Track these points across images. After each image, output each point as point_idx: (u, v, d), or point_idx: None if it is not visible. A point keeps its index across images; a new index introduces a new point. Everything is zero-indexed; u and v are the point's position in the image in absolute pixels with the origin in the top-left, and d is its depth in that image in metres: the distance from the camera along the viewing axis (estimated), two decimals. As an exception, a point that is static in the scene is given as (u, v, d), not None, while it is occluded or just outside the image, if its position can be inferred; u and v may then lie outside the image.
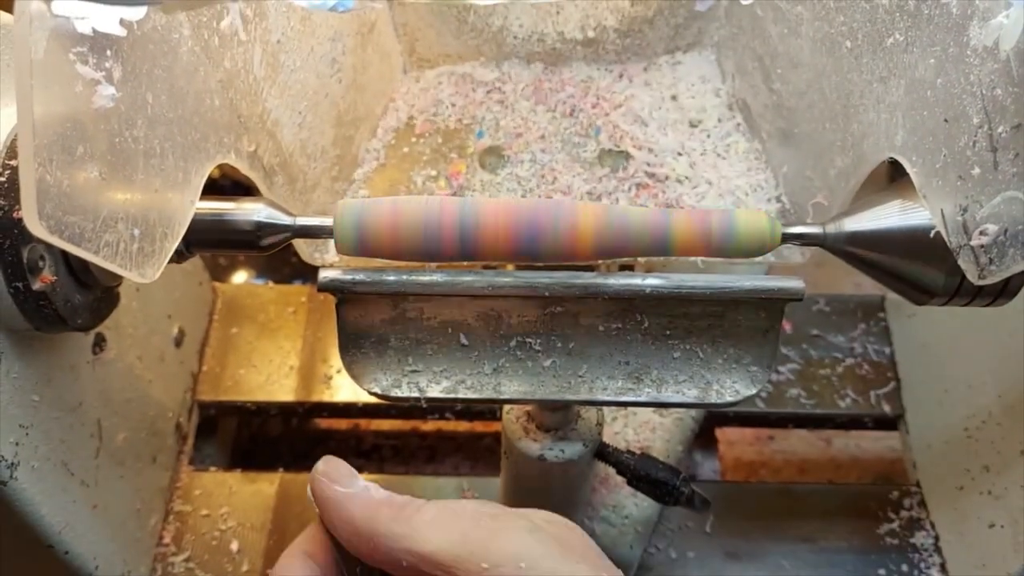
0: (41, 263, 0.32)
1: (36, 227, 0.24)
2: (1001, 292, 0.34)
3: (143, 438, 0.50)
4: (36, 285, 0.32)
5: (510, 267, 0.39)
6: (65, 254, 0.33)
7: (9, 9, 0.25)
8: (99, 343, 0.43)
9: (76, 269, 0.34)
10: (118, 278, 0.37)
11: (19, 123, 0.24)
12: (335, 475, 0.30)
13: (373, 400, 0.40)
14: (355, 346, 0.38)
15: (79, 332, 0.37)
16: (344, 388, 0.60)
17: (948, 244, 0.30)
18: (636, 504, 0.53)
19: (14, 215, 0.30)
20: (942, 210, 0.30)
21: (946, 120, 0.30)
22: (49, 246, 0.32)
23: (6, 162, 0.30)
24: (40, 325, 0.33)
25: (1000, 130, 0.27)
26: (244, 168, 0.39)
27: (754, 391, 0.38)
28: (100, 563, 0.42)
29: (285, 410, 0.61)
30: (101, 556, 0.43)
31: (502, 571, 0.26)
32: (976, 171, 0.28)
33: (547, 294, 0.35)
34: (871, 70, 0.36)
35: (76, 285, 0.34)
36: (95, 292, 0.36)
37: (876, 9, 0.35)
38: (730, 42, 0.55)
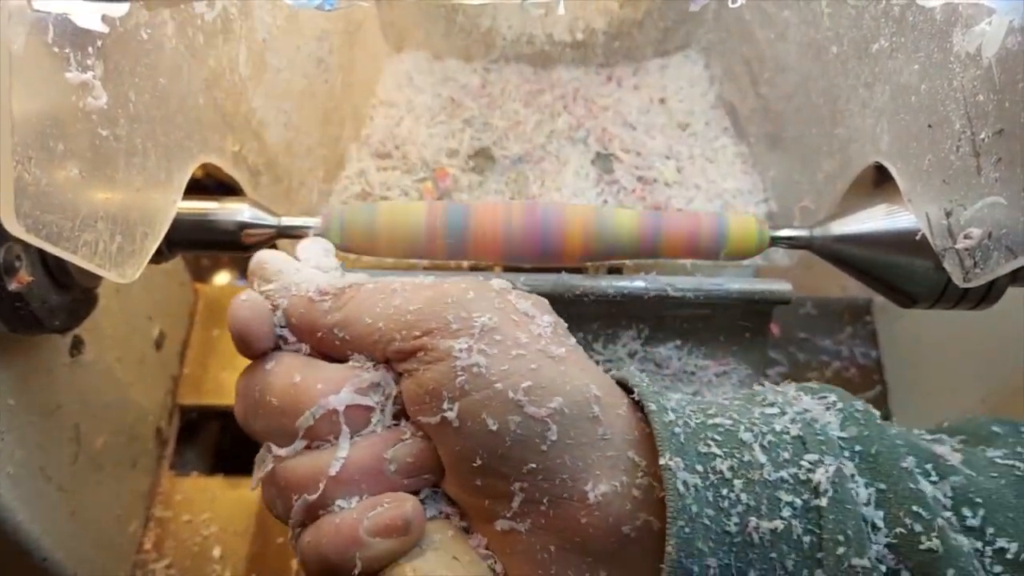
0: (17, 263, 0.31)
1: (13, 226, 0.23)
2: (985, 296, 0.34)
3: (122, 443, 0.49)
4: (12, 286, 0.31)
5: (498, 268, 0.39)
6: (42, 254, 0.32)
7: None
8: (77, 345, 0.42)
9: (54, 269, 0.33)
10: (97, 279, 0.36)
11: (-4, 119, 0.23)
12: (265, 273, 0.28)
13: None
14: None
15: (56, 334, 0.36)
16: (329, 391, 0.60)
17: (933, 247, 0.30)
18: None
19: (-10, 214, 0.29)
20: (927, 214, 0.30)
21: (930, 125, 0.30)
22: (26, 245, 0.31)
23: (-18, 160, 0.30)
24: (16, 327, 0.32)
25: (983, 135, 0.27)
26: (228, 168, 0.38)
27: (742, 394, 0.38)
28: (78, 570, 0.41)
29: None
30: (80, 563, 0.42)
31: (458, 325, 0.25)
32: (960, 175, 0.28)
33: (535, 296, 0.35)
34: (857, 75, 0.37)
35: (53, 286, 0.33)
36: (73, 293, 0.35)
37: (862, 15, 0.36)
38: (718, 46, 0.55)
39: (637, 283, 0.36)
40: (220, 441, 0.64)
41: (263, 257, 0.29)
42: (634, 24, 0.55)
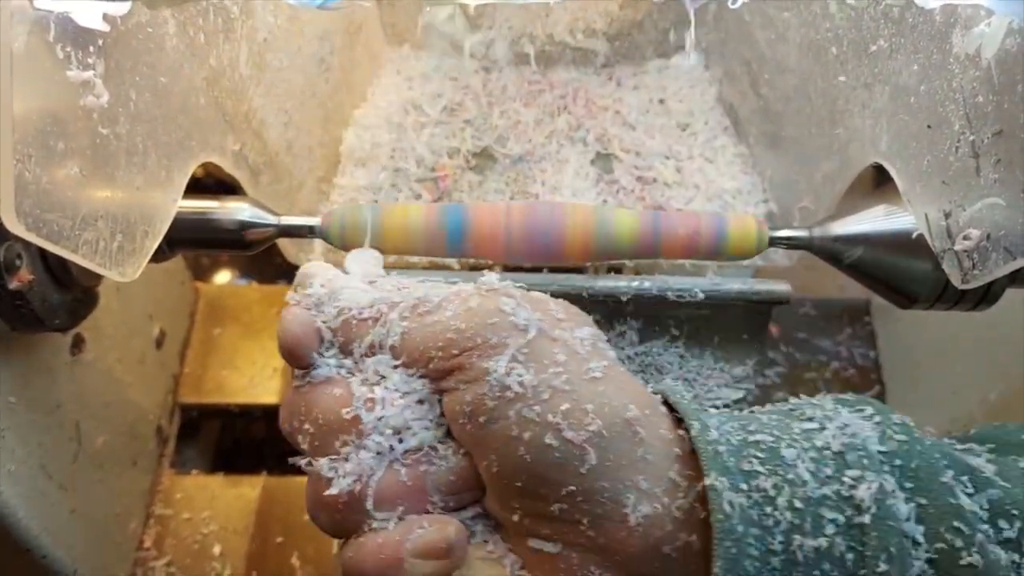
0: (18, 262, 0.31)
1: (14, 224, 0.23)
2: (983, 297, 0.34)
3: (123, 441, 0.49)
4: (12, 284, 0.31)
5: (498, 268, 0.39)
6: (43, 252, 0.32)
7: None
8: (77, 344, 0.42)
9: (54, 268, 0.33)
10: (97, 277, 0.37)
11: (-3, 118, 0.23)
12: (312, 285, 0.28)
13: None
14: (340, 348, 0.37)
15: (57, 333, 0.36)
16: (329, 390, 0.60)
17: (932, 248, 0.30)
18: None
19: (-9, 212, 0.29)
20: (926, 214, 0.31)
21: (929, 126, 0.30)
22: (27, 244, 0.31)
23: (-17, 158, 0.30)
24: (16, 325, 0.33)
25: (982, 136, 0.27)
26: (229, 167, 0.38)
27: (741, 395, 0.38)
28: (79, 567, 0.42)
29: (269, 412, 0.61)
30: (80, 561, 0.42)
31: (496, 341, 0.25)
32: (959, 176, 0.28)
33: (535, 296, 0.35)
34: (856, 76, 0.37)
35: (54, 284, 0.34)
36: (73, 292, 0.35)
37: (861, 16, 0.36)
38: (718, 47, 0.55)
39: (636, 283, 0.36)
40: (220, 439, 0.64)
41: (310, 270, 0.29)
42: (634, 25, 0.55)
